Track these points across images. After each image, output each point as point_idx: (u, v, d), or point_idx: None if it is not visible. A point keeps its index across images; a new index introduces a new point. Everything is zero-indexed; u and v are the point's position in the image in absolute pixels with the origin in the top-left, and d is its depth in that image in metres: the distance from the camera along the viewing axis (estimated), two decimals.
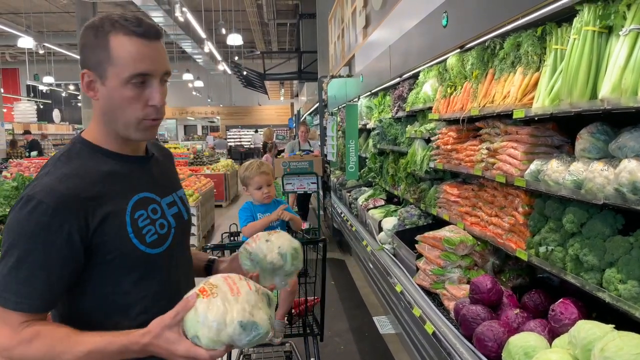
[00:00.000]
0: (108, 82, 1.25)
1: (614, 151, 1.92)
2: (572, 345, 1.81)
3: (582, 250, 2.04)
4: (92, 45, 1.26)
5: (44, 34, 20.38)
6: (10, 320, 1.18)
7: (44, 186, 1.21)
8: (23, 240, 1.18)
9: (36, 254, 1.18)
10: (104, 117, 1.32)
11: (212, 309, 1.18)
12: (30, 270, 1.18)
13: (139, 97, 1.26)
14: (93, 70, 1.27)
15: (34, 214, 1.17)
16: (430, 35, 3.36)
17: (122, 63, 1.23)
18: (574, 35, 2.03)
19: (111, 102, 1.27)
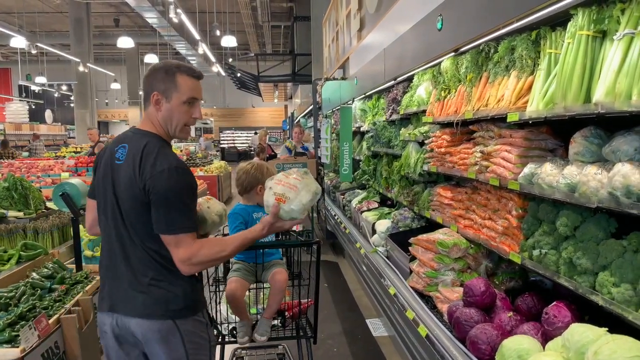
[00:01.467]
0: (172, 101, 1.99)
1: (608, 155, 1.93)
2: (566, 349, 1.82)
3: (575, 253, 2.05)
4: (162, 79, 1.98)
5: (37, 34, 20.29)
6: (187, 242, 1.87)
7: (176, 160, 1.92)
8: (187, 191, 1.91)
9: (192, 200, 1.94)
10: (163, 122, 2.02)
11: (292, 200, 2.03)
12: (191, 210, 1.93)
13: (188, 111, 2.03)
14: (161, 93, 1.98)
15: (186, 174, 1.91)
16: (425, 38, 3.37)
17: (183, 91, 1.99)
18: (568, 39, 2.04)
19: (171, 114, 2.00)
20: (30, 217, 4.03)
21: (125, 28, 23.34)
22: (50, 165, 9.56)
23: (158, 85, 1.98)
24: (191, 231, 1.89)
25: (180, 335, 1.93)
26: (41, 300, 2.82)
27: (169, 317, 1.91)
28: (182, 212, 1.87)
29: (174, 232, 1.86)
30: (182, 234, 1.86)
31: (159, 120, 2.01)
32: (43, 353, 2.47)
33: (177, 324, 1.93)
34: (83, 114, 20.04)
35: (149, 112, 2.02)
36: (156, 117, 2.01)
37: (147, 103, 2.02)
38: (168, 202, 1.86)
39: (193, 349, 1.98)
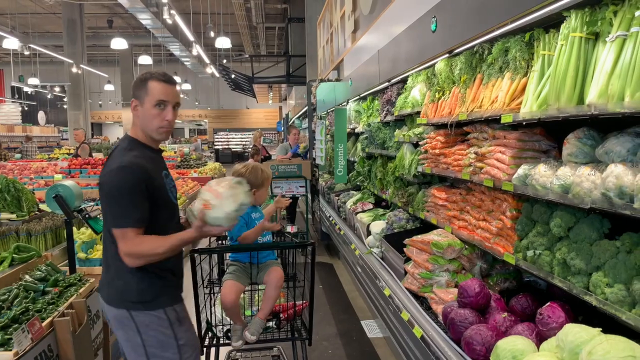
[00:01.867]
0: (145, 105, 2.18)
1: (601, 156, 1.94)
2: (560, 349, 1.82)
3: (569, 254, 2.06)
4: (138, 86, 2.20)
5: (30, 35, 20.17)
6: (128, 236, 2.05)
7: (129, 160, 2.09)
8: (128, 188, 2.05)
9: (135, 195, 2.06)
10: (140, 125, 2.23)
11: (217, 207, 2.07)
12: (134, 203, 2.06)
13: (160, 114, 2.19)
14: (137, 99, 2.20)
15: (130, 173, 2.05)
16: (419, 40, 3.38)
17: (152, 95, 2.17)
18: (562, 41, 2.05)
19: (145, 117, 2.19)
20: (23, 219, 4.00)
21: (118, 29, 23.27)
22: (43, 167, 9.51)
23: (135, 93, 2.21)
24: (131, 226, 2.05)
25: (135, 325, 2.15)
26: (34, 303, 2.80)
27: (123, 306, 2.15)
28: (125, 207, 2.05)
29: (117, 226, 2.06)
30: (124, 228, 2.05)
31: (139, 124, 2.24)
32: (36, 356, 2.45)
33: (131, 314, 2.14)
34: (76, 116, 19.95)
35: (133, 119, 2.28)
36: (136, 122, 2.25)
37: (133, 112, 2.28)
38: (112, 198, 2.08)
39: (153, 343, 2.16)
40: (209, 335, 2.83)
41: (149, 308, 2.16)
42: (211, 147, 31.62)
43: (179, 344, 2.21)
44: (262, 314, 2.70)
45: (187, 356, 2.24)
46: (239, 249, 2.74)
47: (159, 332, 2.17)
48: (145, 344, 2.16)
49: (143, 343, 2.16)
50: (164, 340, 2.18)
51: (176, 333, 2.21)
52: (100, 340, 3.32)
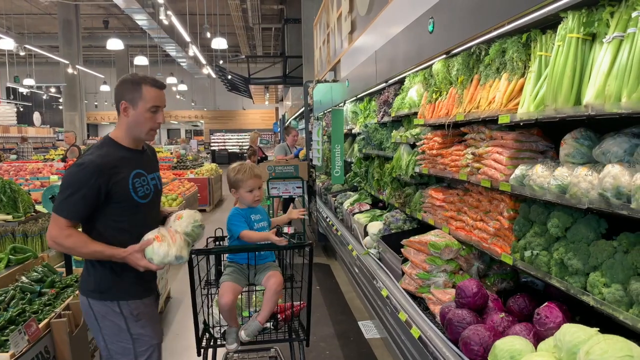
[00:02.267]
0: (138, 109, 2.31)
1: (598, 156, 1.95)
2: (558, 349, 1.83)
3: (566, 254, 2.06)
4: (130, 89, 2.31)
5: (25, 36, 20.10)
6: (60, 223, 2.18)
7: (90, 159, 2.21)
8: (75, 183, 2.18)
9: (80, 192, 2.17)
10: (128, 126, 2.35)
11: (162, 247, 2.25)
12: (76, 199, 2.17)
13: (153, 118, 2.35)
14: (129, 101, 2.31)
15: (82, 171, 2.18)
16: (417, 41, 3.38)
17: (147, 100, 2.31)
18: (559, 42, 2.06)
19: (137, 120, 2.33)
20: (19, 220, 3.99)
21: (114, 30, 23.23)
22: (39, 168, 9.47)
23: (126, 95, 2.32)
24: (65, 216, 2.18)
25: (93, 313, 2.33)
26: (31, 304, 2.79)
27: (84, 294, 2.35)
28: (65, 198, 2.19)
29: (55, 210, 2.22)
30: (56, 215, 2.20)
31: (125, 125, 2.36)
32: (33, 358, 2.45)
33: (89, 302, 2.33)
34: (72, 117, 19.90)
35: (119, 119, 2.38)
36: (124, 123, 2.36)
37: (118, 111, 2.36)
38: (60, 187, 2.25)
39: (107, 332, 2.33)
40: (206, 337, 2.83)
41: (103, 298, 2.33)
42: (207, 148, 31.58)
43: (133, 338, 2.35)
44: (262, 318, 2.69)
45: (143, 350, 2.37)
46: (237, 249, 2.73)
47: (113, 322, 2.33)
48: (102, 332, 2.34)
49: (100, 330, 2.34)
50: (117, 331, 2.33)
51: (129, 327, 2.35)
52: None
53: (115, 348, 2.34)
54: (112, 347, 2.34)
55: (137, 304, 2.37)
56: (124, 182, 2.27)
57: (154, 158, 2.63)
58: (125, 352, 2.35)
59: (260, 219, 2.89)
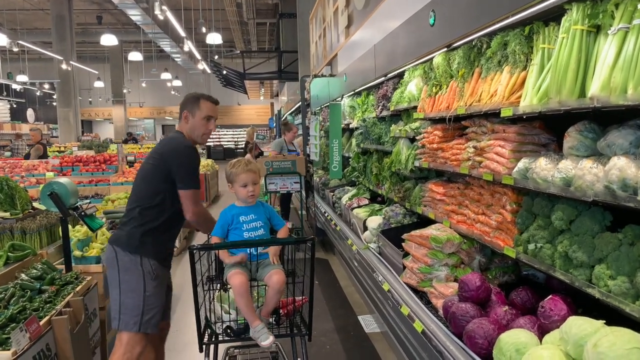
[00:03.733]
0: (195, 118, 2.90)
1: (603, 149, 1.94)
2: (564, 341, 1.83)
3: (571, 247, 2.06)
4: (191, 102, 2.91)
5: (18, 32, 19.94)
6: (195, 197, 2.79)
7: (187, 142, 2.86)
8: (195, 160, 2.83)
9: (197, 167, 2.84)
10: (189, 130, 2.91)
11: None
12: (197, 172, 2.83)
13: (206, 125, 2.93)
14: (189, 111, 2.90)
15: (194, 149, 2.85)
16: (417, 34, 3.37)
17: (203, 110, 2.90)
18: (563, 34, 2.05)
19: (194, 126, 2.91)
20: (17, 217, 3.95)
21: (108, 25, 23.07)
22: (34, 165, 9.41)
23: (187, 106, 2.92)
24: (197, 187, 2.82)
25: (117, 264, 2.73)
26: (31, 301, 2.77)
27: (112, 243, 2.80)
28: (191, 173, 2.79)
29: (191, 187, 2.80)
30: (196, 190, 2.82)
31: (185, 129, 2.93)
32: (35, 355, 2.42)
33: (116, 252, 2.75)
34: (66, 113, 19.77)
35: (180, 124, 2.97)
36: (184, 127, 2.93)
37: (180, 118, 2.96)
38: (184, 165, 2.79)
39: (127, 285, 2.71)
40: (208, 332, 2.81)
41: (130, 251, 2.73)
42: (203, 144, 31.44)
43: (145, 294, 2.70)
44: (265, 313, 2.68)
45: (150, 307, 2.71)
46: (239, 244, 2.71)
47: (132, 276, 2.70)
48: (120, 285, 2.71)
49: (119, 283, 2.71)
50: (135, 285, 2.70)
51: (146, 283, 2.71)
52: (98, 339, 3.30)
53: (127, 302, 2.68)
54: (124, 300, 2.69)
55: (156, 265, 2.77)
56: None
57: None
58: (135, 307, 2.67)
59: (253, 219, 2.80)
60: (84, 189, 8.25)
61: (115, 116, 29.85)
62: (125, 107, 30.27)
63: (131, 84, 30.94)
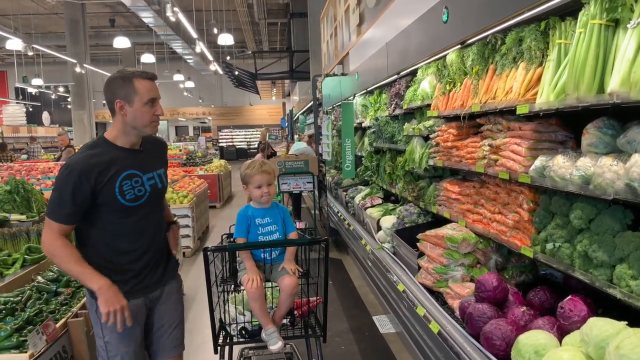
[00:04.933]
0: (135, 105, 2.22)
1: (623, 145, 1.90)
2: (585, 343, 1.79)
3: (591, 246, 2.02)
4: (122, 86, 2.22)
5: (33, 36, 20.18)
6: (53, 228, 2.16)
7: (76, 159, 2.17)
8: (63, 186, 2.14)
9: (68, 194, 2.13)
10: (126, 125, 2.26)
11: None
12: (65, 201, 2.14)
13: (151, 111, 2.26)
14: (124, 99, 2.22)
15: (69, 173, 2.14)
16: (430, 31, 3.33)
17: (142, 94, 2.22)
18: (580, 28, 2.01)
19: (136, 115, 2.23)
20: (33, 220, 4.00)
21: (121, 28, 23.26)
22: (50, 168, 9.51)
23: (119, 93, 2.23)
24: (57, 220, 2.16)
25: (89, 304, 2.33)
26: (47, 304, 2.79)
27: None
28: (55, 201, 2.17)
29: (46, 214, 2.23)
30: (48, 219, 2.18)
31: (122, 124, 2.28)
32: (51, 358, 2.44)
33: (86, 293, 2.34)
34: (81, 115, 19.96)
35: (115, 119, 2.29)
36: (120, 122, 2.27)
37: (112, 112, 2.27)
38: (52, 191, 2.22)
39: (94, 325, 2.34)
40: (223, 334, 2.81)
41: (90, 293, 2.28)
42: (216, 145, 31.63)
43: (105, 341, 2.30)
44: (278, 318, 2.68)
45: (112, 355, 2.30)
46: (252, 246, 2.70)
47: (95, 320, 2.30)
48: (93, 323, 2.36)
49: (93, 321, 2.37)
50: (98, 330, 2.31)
51: (102, 328, 2.29)
52: None
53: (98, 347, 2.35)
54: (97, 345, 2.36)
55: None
56: (110, 185, 2.21)
57: (157, 154, 2.53)
58: (101, 353, 2.33)
59: (269, 223, 2.79)
60: None
61: None
62: None
63: None
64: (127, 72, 2.27)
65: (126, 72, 2.27)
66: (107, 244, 2.28)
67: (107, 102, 2.26)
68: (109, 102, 2.26)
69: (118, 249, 2.29)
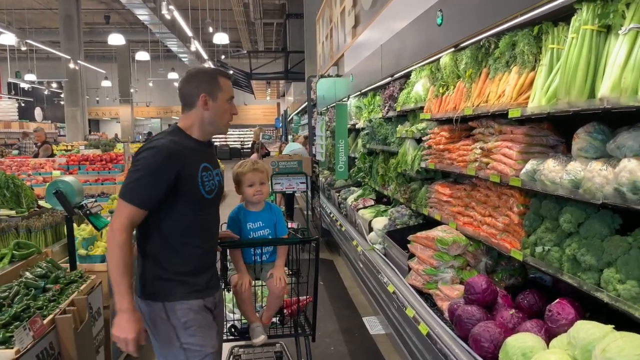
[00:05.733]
0: (218, 101, 2.23)
1: (613, 151, 1.91)
2: (572, 346, 1.80)
3: (579, 250, 2.03)
4: (210, 82, 2.23)
5: (26, 31, 20.06)
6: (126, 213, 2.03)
7: (163, 143, 2.09)
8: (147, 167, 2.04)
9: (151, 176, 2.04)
10: (204, 120, 2.23)
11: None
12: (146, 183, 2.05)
13: (230, 108, 2.30)
14: (209, 94, 2.21)
15: (156, 154, 2.05)
16: (424, 34, 3.34)
17: (225, 90, 2.25)
18: (572, 34, 2.02)
19: (218, 111, 2.24)
20: (23, 215, 3.96)
21: (116, 25, 23.16)
22: (41, 164, 9.45)
23: (205, 88, 2.22)
24: (133, 203, 2.03)
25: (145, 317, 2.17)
26: (35, 300, 2.76)
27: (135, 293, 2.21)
28: (134, 182, 2.05)
29: (120, 196, 2.08)
30: (122, 201, 2.04)
31: (202, 119, 2.24)
32: (38, 354, 2.42)
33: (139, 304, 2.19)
34: (74, 112, 19.86)
35: (190, 114, 2.24)
36: (200, 116, 2.23)
37: (190, 105, 2.23)
38: (130, 172, 2.10)
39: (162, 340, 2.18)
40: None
41: (149, 298, 2.16)
42: None
43: (184, 348, 2.15)
44: (265, 319, 2.69)
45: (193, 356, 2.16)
46: (244, 245, 2.70)
47: (163, 330, 2.15)
48: (157, 339, 2.18)
49: (155, 338, 2.18)
50: (169, 340, 2.15)
51: (179, 336, 2.14)
52: (102, 338, 3.29)
53: (170, 358, 2.17)
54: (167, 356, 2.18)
55: (183, 308, 2.14)
56: (194, 172, 2.15)
57: (214, 152, 2.54)
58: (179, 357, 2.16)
59: (261, 227, 2.74)
60: (90, 188, 8.27)
61: (123, 115, 29.96)
62: (133, 106, 30.38)
63: (138, 83, 31.06)
64: (209, 69, 2.38)
65: (209, 68, 2.38)
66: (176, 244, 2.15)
67: (186, 95, 2.23)
68: (189, 95, 2.22)
69: (187, 244, 2.17)
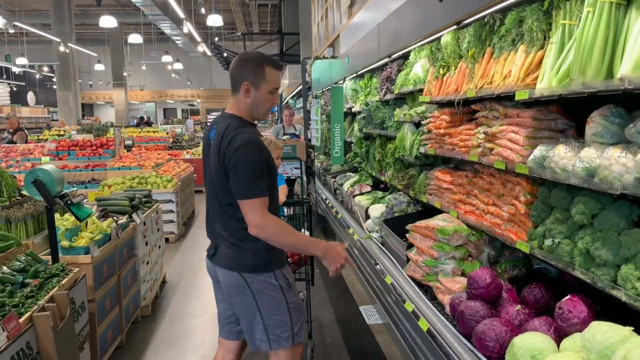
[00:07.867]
0: (260, 91, 2.33)
1: (632, 136, 1.74)
2: (586, 350, 1.65)
3: (593, 244, 1.88)
4: (254, 70, 2.30)
5: (16, 13, 19.62)
6: (261, 206, 2.21)
7: (253, 137, 2.24)
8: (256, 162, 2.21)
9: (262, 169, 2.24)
10: (249, 107, 2.37)
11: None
12: (262, 176, 2.23)
13: (271, 99, 2.38)
14: (252, 83, 2.31)
15: (257, 149, 2.23)
16: (424, 10, 3.14)
17: (270, 82, 2.33)
18: (588, 7, 1.84)
19: (258, 101, 2.35)
20: (3, 205, 3.78)
21: (107, 7, 22.67)
22: (30, 149, 9.24)
23: (249, 76, 2.31)
24: (258, 196, 2.20)
25: (250, 290, 2.34)
26: (11, 297, 2.60)
27: (237, 270, 2.34)
28: (249, 178, 2.19)
29: (244, 197, 2.21)
30: (256, 198, 2.20)
31: (245, 105, 2.36)
32: (13, 355, 2.26)
33: (245, 279, 2.33)
34: (66, 96, 19.57)
35: (237, 98, 2.37)
36: (243, 103, 2.35)
37: (236, 90, 2.35)
38: (239, 172, 2.21)
39: (267, 307, 2.36)
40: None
41: (260, 271, 2.34)
42: (204, 128, 31.25)
43: (289, 307, 2.39)
44: None
45: (297, 319, 2.43)
46: None
47: (271, 296, 2.36)
48: (260, 309, 2.36)
49: (258, 308, 2.36)
50: (276, 304, 2.37)
51: (286, 297, 2.39)
52: (87, 333, 3.15)
53: (272, 323, 2.38)
54: (269, 322, 2.38)
55: (287, 271, 2.46)
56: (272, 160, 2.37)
57: None
58: (282, 325, 2.39)
59: None
60: (80, 174, 8.09)
61: (116, 99, 29.58)
62: (126, 90, 29.98)
63: (132, 66, 30.61)
64: (259, 56, 2.36)
65: (259, 56, 2.36)
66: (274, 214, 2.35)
67: (233, 79, 2.35)
68: (235, 79, 2.34)
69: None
